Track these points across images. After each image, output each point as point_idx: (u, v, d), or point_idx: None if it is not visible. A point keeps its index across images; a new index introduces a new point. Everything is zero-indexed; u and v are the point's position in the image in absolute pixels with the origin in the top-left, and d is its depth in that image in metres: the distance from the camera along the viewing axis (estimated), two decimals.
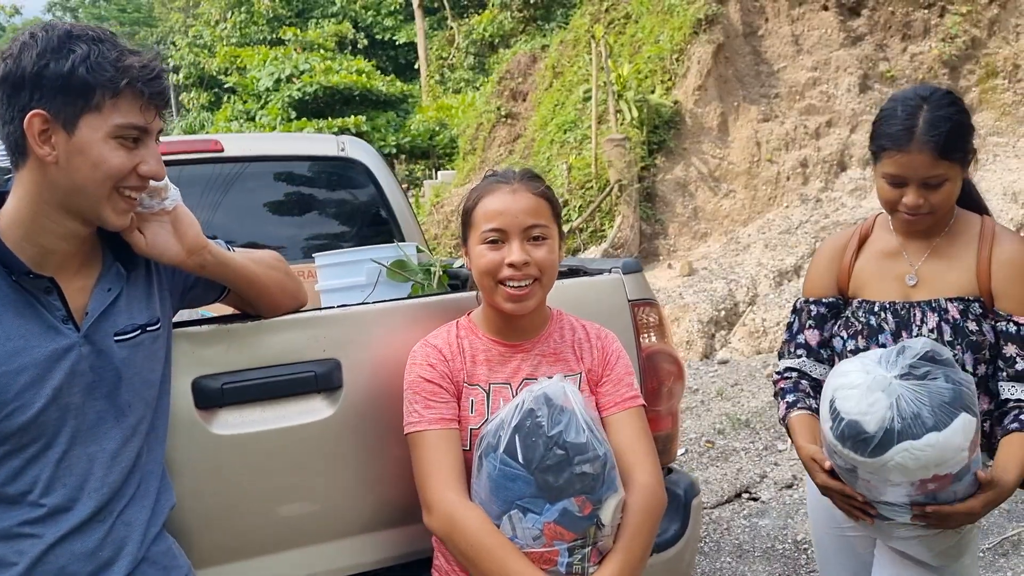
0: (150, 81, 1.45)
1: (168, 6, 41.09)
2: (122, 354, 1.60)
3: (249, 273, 1.82)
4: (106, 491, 1.58)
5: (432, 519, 1.77)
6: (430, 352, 1.90)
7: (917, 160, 1.89)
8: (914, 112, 1.91)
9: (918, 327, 2.00)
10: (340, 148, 3.86)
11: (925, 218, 1.98)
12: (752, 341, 7.76)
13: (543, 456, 1.64)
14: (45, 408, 1.49)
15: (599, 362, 1.96)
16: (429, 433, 1.81)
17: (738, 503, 4.63)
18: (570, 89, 13.58)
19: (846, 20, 12.17)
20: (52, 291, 1.52)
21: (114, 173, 1.46)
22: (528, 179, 1.91)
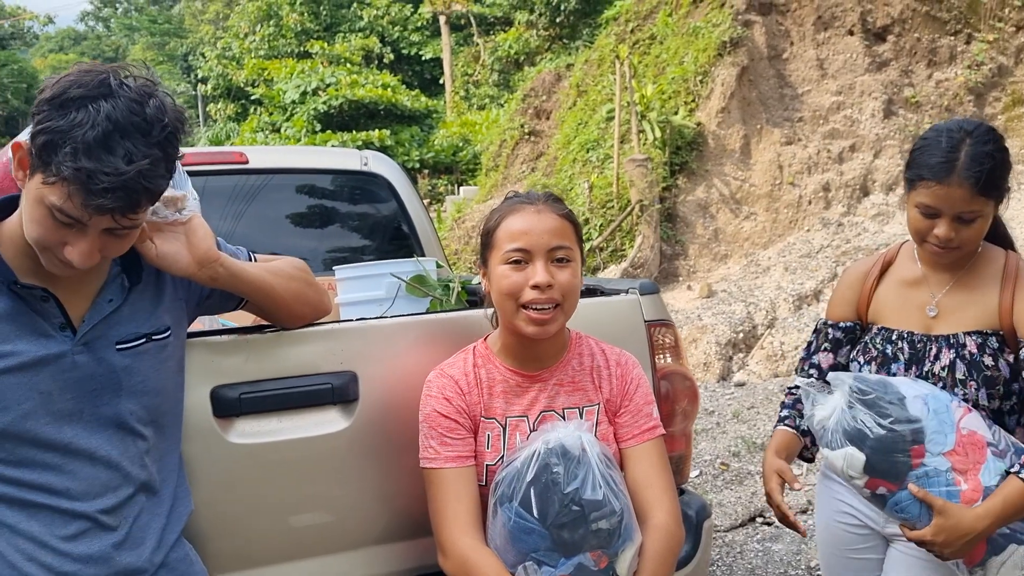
0: (91, 192, 1.36)
1: (198, 18, 41.67)
2: (124, 362, 1.60)
3: (265, 286, 1.80)
4: (112, 496, 1.59)
5: (447, 563, 1.77)
6: (446, 384, 1.87)
7: (956, 194, 1.88)
8: (957, 145, 1.90)
9: (931, 362, 2.00)
10: (363, 163, 3.89)
11: (953, 252, 1.98)
12: (770, 364, 7.72)
13: (559, 512, 1.63)
14: (32, 411, 1.51)
15: (618, 391, 1.92)
16: (445, 472, 1.80)
17: (752, 527, 4.61)
18: (593, 108, 13.63)
19: (871, 45, 12.16)
20: (48, 299, 1.53)
21: (40, 238, 1.44)
22: (552, 201, 1.89)
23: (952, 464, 1.84)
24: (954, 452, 1.85)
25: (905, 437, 1.84)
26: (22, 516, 1.53)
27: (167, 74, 44.35)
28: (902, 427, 1.84)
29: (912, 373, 2.02)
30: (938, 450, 1.84)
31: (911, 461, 1.84)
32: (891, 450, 1.84)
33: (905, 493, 1.85)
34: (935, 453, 1.84)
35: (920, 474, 1.84)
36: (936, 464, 1.84)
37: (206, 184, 3.67)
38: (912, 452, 1.84)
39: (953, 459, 1.84)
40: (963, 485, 1.84)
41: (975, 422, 1.89)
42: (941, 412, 1.87)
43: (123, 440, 1.61)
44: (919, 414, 1.86)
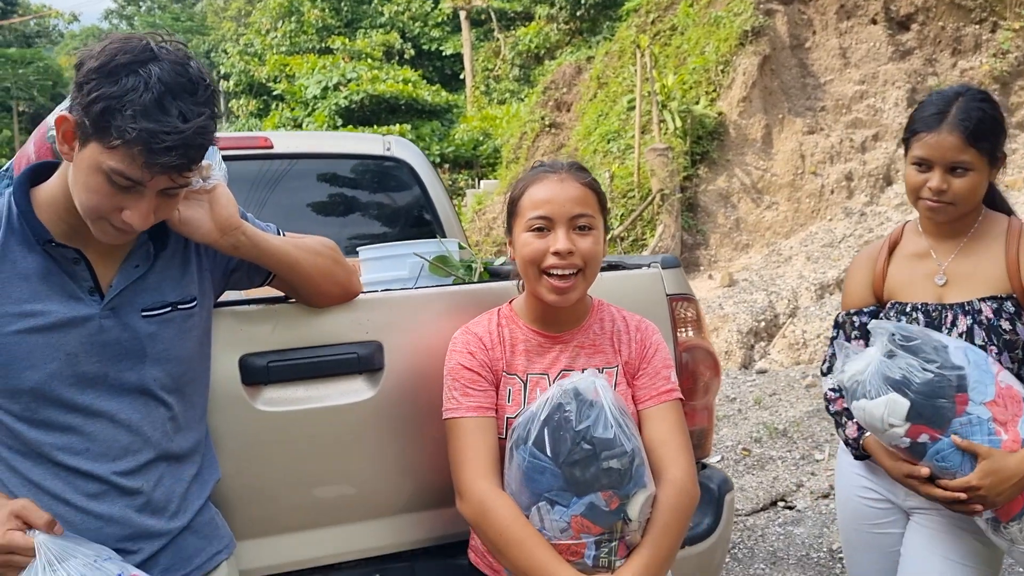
0: (154, 151, 1.40)
1: (221, 15, 41.93)
2: (149, 329, 1.62)
3: (289, 258, 1.80)
4: (131, 460, 1.61)
5: (464, 506, 1.80)
6: (471, 340, 1.91)
7: (947, 142, 1.95)
8: (950, 101, 1.99)
9: (948, 329, 2.01)
10: (386, 148, 3.92)
11: (947, 208, 2.01)
12: (792, 352, 7.70)
13: (570, 450, 1.65)
14: (58, 371, 1.53)
15: (637, 354, 1.95)
16: (466, 420, 1.83)
17: (773, 511, 4.61)
18: (614, 99, 13.61)
19: (895, 34, 12.07)
20: (80, 262, 1.56)
21: (95, 206, 1.47)
22: (576, 169, 1.91)
23: (993, 414, 1.84)
24: (995, 403, 1.85)
25: (951, 382, 1.83)
26: (46, 474, 1.56)
27: None
28: (949, 372, 1.83)
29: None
30: (980, 399, 1.84)
31: (955, 407, 1.83)
32: (937, 395, 1.83)
33: (947, 441, 1.84)
34: (977, 402, 1.84)
35: (964, 421, 1.83)
36: (979, 412, 1.84)
37: (231, 169, 3.73)
38: (956, 399, 1.83)
39: (994, 409, 1.84)
40: (1004, 435, 1.84)
41: (1009, 377, 1.91)
42: (981, 364, 1.87)
43: (146, 405, 1.63)
44: (962, 363, 1.86)
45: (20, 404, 1.53)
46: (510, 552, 1.70)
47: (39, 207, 1.55)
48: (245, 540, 1.94)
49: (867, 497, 2.19)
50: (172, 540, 1.68)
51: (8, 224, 1.54)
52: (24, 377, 1.52)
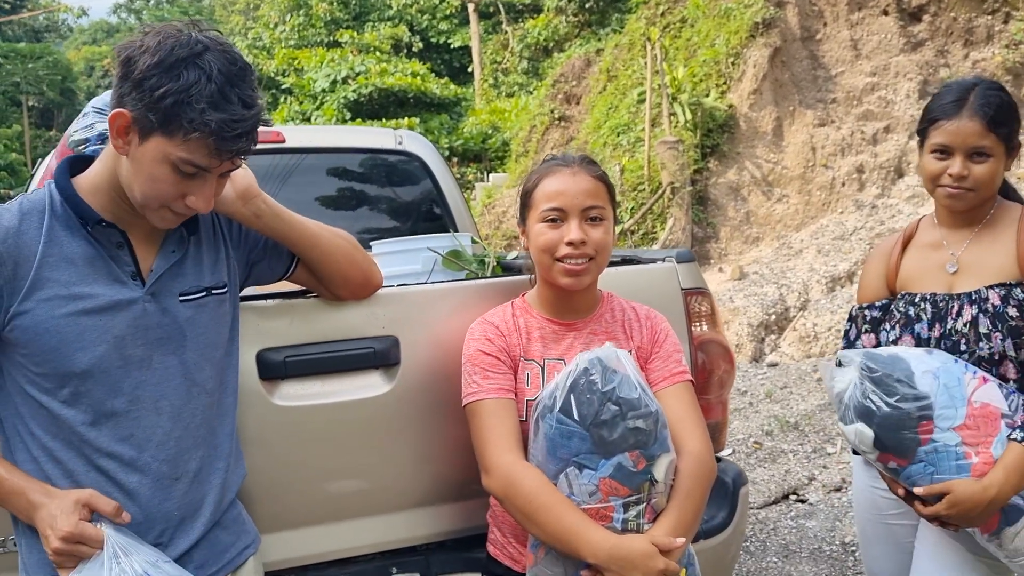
0: (226, 139, 1.47)
1: (229, 9, 41.90)
2: (187, 313, 1.66)
3: (310, 232, 1.84)
4: (173, 446, 1.63)
5: (491, 480, 1.82)
6: (488, 328, 1.96)
7: (967, 127, 1.97)
8: (968, 89, 2.01)
9: (954, 319, 2.02)
10: (397, 141, 3.93)
11: (967, 195, 2.01)
12: (802, 346, 7.69)
13: (597, 411, 1.68)
14: (107, 354, 1.56)
15: (648, 339, 2.00)
16: (487, 401, 1.86)
17: (785, 504, 4.61)
18: (624, 92, 13.58)
19: (906, 25, 12.00)
20: (123, 246, 1.60)
21: (160, 195, 1.52)
22: (587, 163, 1.98)
23: (962, 438, 1.86)
24: (964, 426, 1.86)
25: (911, 415, 1.86)
26: (89, 466, 1.58)
27: None
28: (908, 405, 1.87)
29: (936, 331, 2.03)
30: (947, 425, 1.86)
31: (919, 437, 1.86)
32: (898, 427, 1.88)
33: (916, 467, 1.88)
34: (944, 428, 1.86)
35: (929, 449, 1.86)
36: (945, 439, 1.86)
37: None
38: (920, 428, 1.86)
39: (963, 433, 1.86)
40: (974, 459, 1.85)
41: (990, 393, 1.90)
42: (952, 386, 1.88)
43: (188, 391, 1.66)
44: (928, 390, 1.87)
45: (70, 387, 1.55)
46: (539, 518, 1.72)
47: (82, 192, 1.59)
48: (263, 534, 1.94)
49: (881, 488, 2.20)
50: (205, 535, 1.69)
51: (51, 210, 1.57)
52: (75, 359, 1.54)
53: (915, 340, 2.06)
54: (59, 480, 1.57)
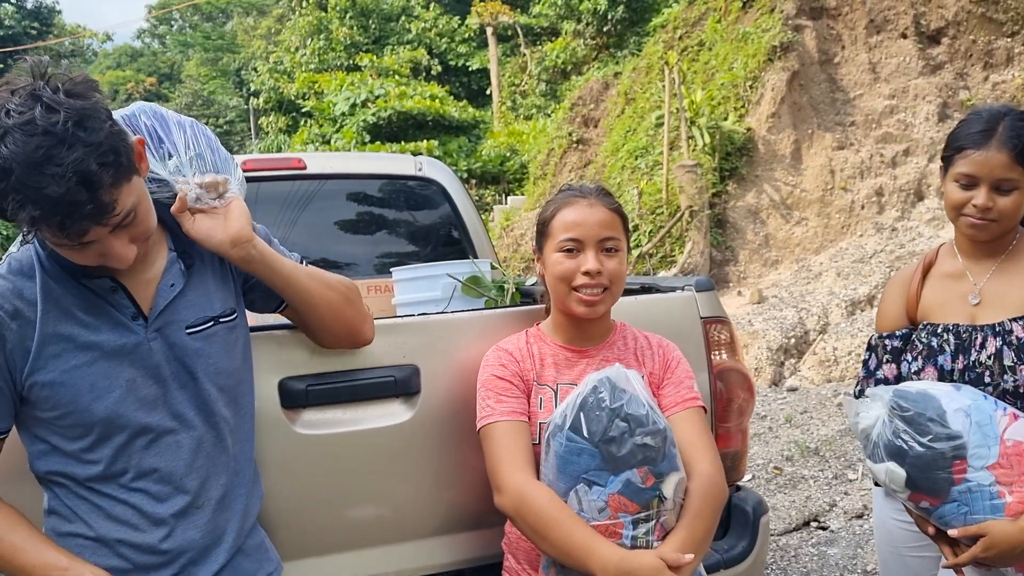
0: (63, 224, 1.37)
1: (251, 34, 42.46)
2: (195, 346, 1.65)
3: (299, 283, 1.78)
4: (195, 476, 1.65)
5: (502, 498, 1.84)
6: (502, 355, 2.00)
7: (995, 159, 1.93)
8: (997, 118, 1.96)
9: (977, 351, 1.99)
10: (417, 168, 3.97)
11: (990, 226, 1.98)
12: (823, 370, 7.64)
13: (606, 427, 1.70)
14: (122, 399, 1.57)
15: (660, 366, 2.03)
16: (501, 424, 1.89)
17: (806, 531, 4.57)
18: (642, 115, 13.62)
19: (925, 48, 11.98)
20: (117, 290, 1.59)
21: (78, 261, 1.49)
22: (603, 194, 2.03)
23: (996, 477, 1.82)
24: (998, 465, 1.83)
25: (945, 455, 1.83)
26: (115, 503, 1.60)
27: (220, 88, 45.24)
28: (942, 444, 1.83)
29: (960, 363, 2.01)
30: (981, 464, 1.82)
31: (953, 477, 1.83)
32: (932, 468, 1.84)
33: (949, 507, 1.85)
34: (978, 468, 1.82)
35: (963, 489, 1.83)
36: (979, 479, 1.82)
37: (261, 190, 3.79)
38: (954, 468, 1.83)
39: (997, 472, 1.82)
40: (1008, 497, 1.82)
41: (1021, 430, 1.86)
42: (984, 424, 1.85)
43: (205, 422, 1.67)
44: (960, 428, 1.84)
45: (93, 435, 1.57)
46: (550, 534, 1.74)
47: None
48: (286, 562, 1.95)
49: (902, 520, 2.18)
50: (228, 562, 1.70)
51: (41, 266, 1.56)
52: (92, 409, 1.55)
53: (938, 372, 2.04)
54: (90, 515, 1.60)
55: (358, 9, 27.79)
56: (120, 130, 1.44)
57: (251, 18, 46.52)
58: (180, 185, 1.67)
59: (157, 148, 1.69)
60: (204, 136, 1.79)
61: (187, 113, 11.58)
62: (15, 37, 42.77)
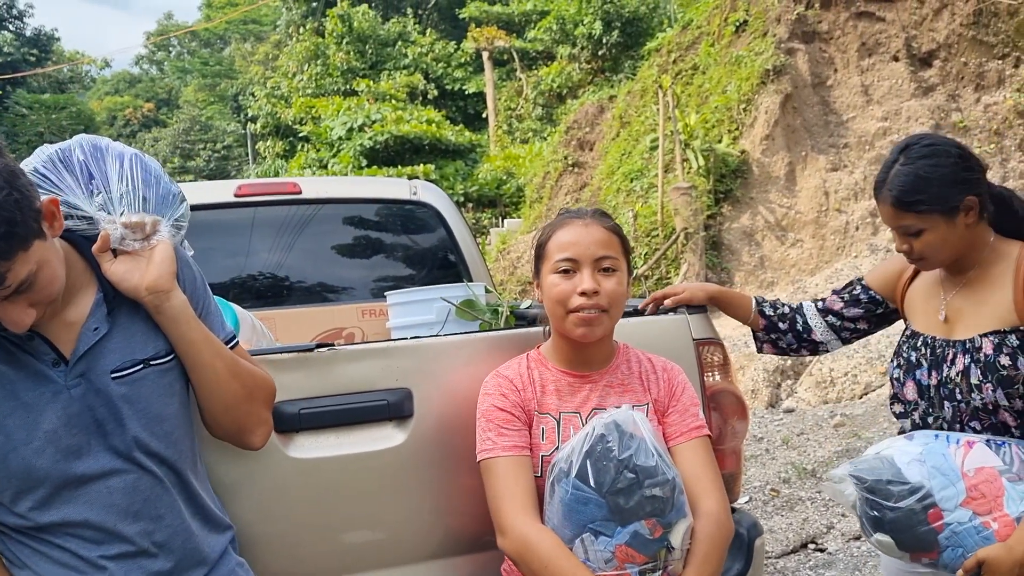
0: None
1: (248, 59, 42.71)
2: (120, 391, 1.56)
3: (198, 357, 1.64)
4: (132, 522, 1.58)
5: (506, 542, 1.81)
6: (502, 383, 1.96)
7: (886, 211, 2.01)
8: (891, 165, 2.01)
9: (948, 367, 2.01)
10: (412, 192, 3.98)
11: (925, 263, 2.04)
12: (819, 391, 7.64)
13: (614, 479, 1.68)
14: (41, 450, 1.50)
15: (666, 392, 2.00)
16: (502, 460, 1.86)
17: (804, 553, 4.55)
18: (637, 139, 13.69)
19: (917, 71, 12.08)
20: (34, 338, 1.51)
21: None
22: (600, 215, 2.00)
23: (973, 510, 1.84)
24: (970, 499, 1.84)
25: (916, 511, 1.85)
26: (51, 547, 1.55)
27: (218, 114, 45.43)
28: (908, 502, 1.86)
29: (934, 378, 2.03)
30: (953, 504, 1.84)
31: (933, 527, 1.85)
32: (910, 526, 1.87)
33: (947, 554, 1.86)
34: (952, 509, 1.84)
35: (948, 535, 1.84)
36: (957, 518, 1.84)
37: (257, 214, 3.81)
38: (930, 519, 1.85)
39: (972, 505, 1.84)
40: (993, 525, 1.83)
41: (980, 456, 1.88)
42: (941, 466, 1.87)
43: (138, 469, 1.59)
44: (919, 479, 1.87)
45: (11, 488, 1.51)
46: None
47: None
48: None
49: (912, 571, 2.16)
50: None
51: None
52: (9, 461, 1.49)
53: (916, 387, 2.07)
54: (32, 559, 1.55)
55: (355, 35, 27.99)
56: (20, 197, 1.36)
57: (249, 44, 46.81)
58: (104, 224, 1.59)
59: (87, 184, 1.62)
60: (143, 171, 1.68)
61: (184, 138, 11.67)
62: (14, 64, 43.01)
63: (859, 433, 6.39)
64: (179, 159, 40.03)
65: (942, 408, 2.02)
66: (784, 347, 2.45)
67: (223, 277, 3.68)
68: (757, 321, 2.45)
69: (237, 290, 3.70)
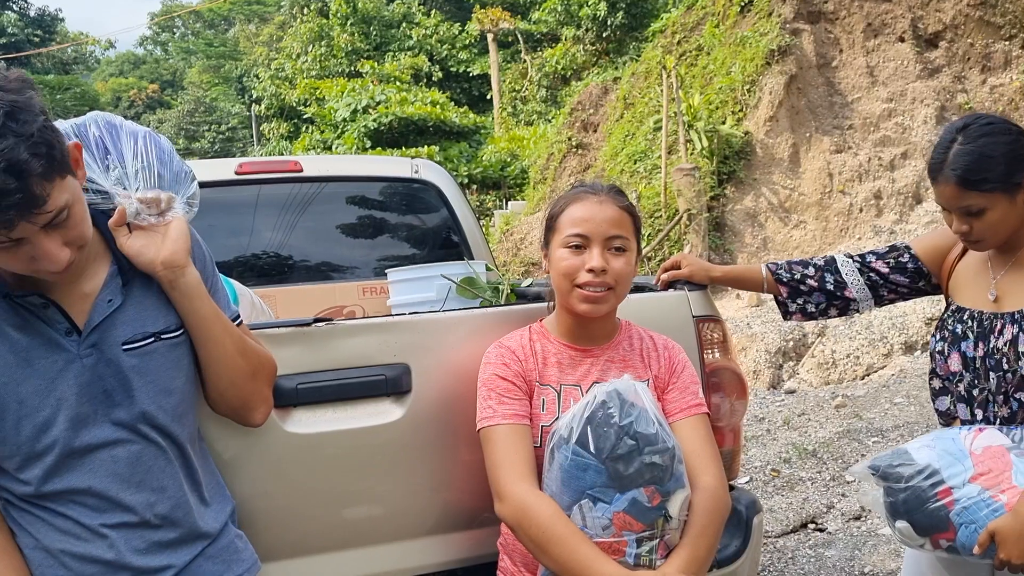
0: None
1: (253, 41, 42.57)
2: (131, 362, 1.59)
3: (208, 331, 1.67)
4: (134, 493, 1.60)
5: (504, 507, 1.81)
6: (504, 352, 1.96)
7: (947, 192, 1.98)
8: (948, 145, 1.98)
9: (996, 337, 2.01)
10: (414, 170, 3.97)
11: (980, 244, 2.03)
12: (821, 372, 7.64)
13: (614, 445, 1.68)
14: (52, 418, 1.52)
15: (666, 370, 2.00)
16: (502, 427, 1.86)
17: (803, 533, 4.56)
18: (641, 120, 13.64)
19: (923, 52, 12.01)
20: (48, 306, 1.53)
21: (10, 268, 1.44)
22: (615, 193, 1.99)
23: (982, 485, 1.87)
24: (978, 475, 1.88)
25: (925, 489, 1.90)
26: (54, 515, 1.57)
27: (223, 95, 45.33)
28: (917, 480, 1.90)
29: (980, 350, 2.03)
30: (961, 481, 1.88)
31: (944, 503, 1.88)
32: (921, 504, 1.90)
33: (962, 532, 1.87)
34: (960, 485, 1.88)
35: (959, 511, 1.86)
36: (966, 493, 1.87)
37: (262, 192, 3.80)
38: (940, 496, 1.88)
39: (980, 480, 1.87)
40: (1002, 498, 1.84)
41: (988, 437, 1.93)
42: (949, 447, 1.93)
43: (144, 440, 1.61)
44: (928, 460, 1.92)
45: (20, 456, 1.53)
46: (552, 550, 1.71)
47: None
48: (273, 561, 1.96)
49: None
50: (184, 569, 1.66)
51: None
52: (21, 429, 1.51)
53: (961, 358, 2.07)
54: (33, 526, 1.57)
55: (359, 16, 27.89)
56: (54, 127, 1.41)
57: (253, 25, 46.64)
58: (120, 198, 1.61)
59: (102, 159, 1.64)
60: (157, 148, 1.71)
61: (189, 120, 11.67)
62: (18, 44, 42.94)
63: (860, 414, 6.40)
64: (184, 140, 40.00)
65: (987, 379, 2.02)
66: (813, 311, 2.42)
67: (224, 255, 3.68)
68: (776, 288, 2.42)
69: (239, 268, 3.71)
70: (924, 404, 6.23)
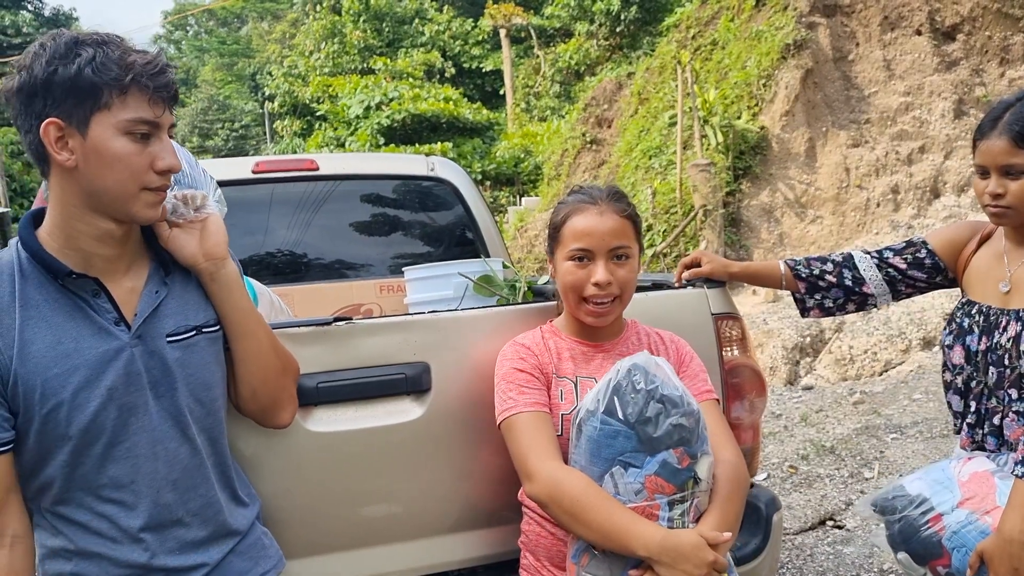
0: (154, 75, 1.48)
1: (265, 38, 42.67)
2: (175, 355, 1.61)
3: (247, 325, 1.72)
4: (172, 489, 1.62)
5: (534, 486, 1.81)
6: (520, 348, 1.99)
7: (996, 146, 1.96)
8: (1007, 107, 1.99)
9: (1000, 333, 2.02)
10: (429, 168, 3.97)
11: (1007, 212, 2.01)
12: (838, 368, 7.60)
13: (642, 409, 1.71)
14: (103, 407, 1.54)
15: (675, 361, 2.04)
16: (525, 415, 1.87)
17: (822, 530, 4.54)
18: (655, 115, 13.60)
19: (940, 45, 11.91)
20: (100, 293, 1.56)
21: (131, 171, 1.49)
22: (614, 199, 1.99)
23: (970, 509, 1.93)
24: (965, 500, 1.95)
25: (916, 518, 1.99)
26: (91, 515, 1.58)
27: (236, 93, 45.48)
28: (909, 511, 2.00)
29: (983, 344, 2.05)
30: (950, 507, 1.96)
31: (935, 530, 1.95)
32: (915, 534, 1.99)
33: (956, 557, 1.93)
34: (949, 511, 1.96)
35: (950, 536, 1.94)
36: (955, 518, 1.95)
37: (275, 191, 3.81)
38: (931, 524, 1.97)
39: (968, 505, 1.94)
40: (988, 519, 1.90)
41: (976, 464, 2.01)
42: (939, 478, 2.03)
43: (183, 433, 1.63)
44: (919, 490, 2.02)
45: (69, 445, 1.54)
46: (588, 517, 1.72)
47: (47, 244, 1.55)
48: (295, 559, 1.97)
49: None
50: (216, 566, 1.68)
51: (20, 271, 1.54)
52: (72, 419, 1.52)
53: (965, 351, 2.09)
54: (67, 528, 1.58)
55: (372, 12, 27.91)
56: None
57: (266, 23, 46.76)
58: None
59: None
60: (184, 153, 1.81)
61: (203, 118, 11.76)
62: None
63: (878, 410, 6.36)
64: (198, 138, 40.15)
65: (987, 373, 2.04)
66: (831, 306, 2.42)
67: (241, 254, 3.67)
68: (794, 284, 2.42)
69: (256, 266, 3.72)
70: (943, 400, 6.18)
